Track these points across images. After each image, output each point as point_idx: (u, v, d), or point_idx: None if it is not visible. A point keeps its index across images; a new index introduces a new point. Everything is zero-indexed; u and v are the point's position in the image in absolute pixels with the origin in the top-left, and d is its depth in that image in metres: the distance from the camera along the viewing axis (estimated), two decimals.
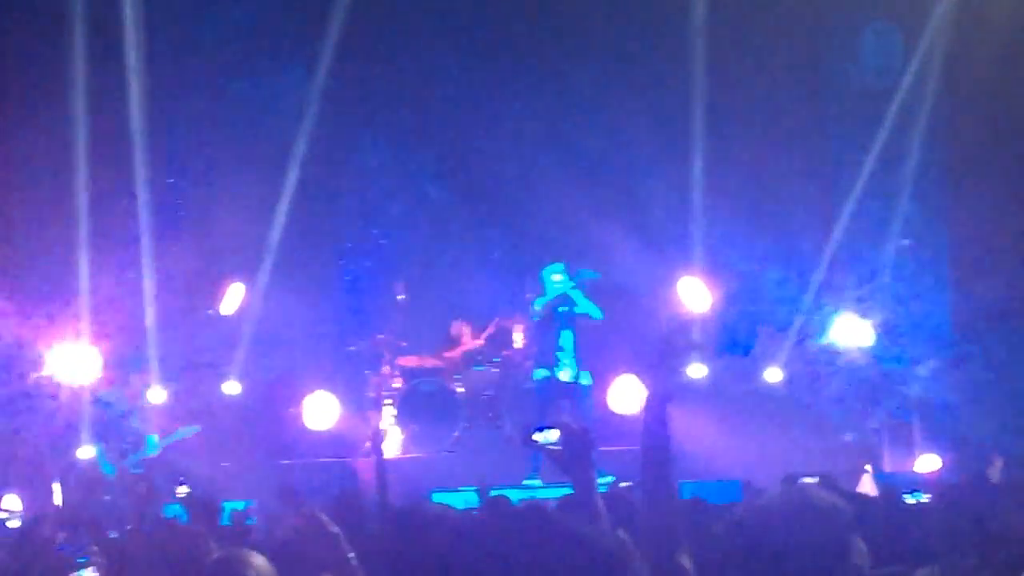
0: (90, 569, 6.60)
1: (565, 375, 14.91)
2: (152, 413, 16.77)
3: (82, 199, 17.53)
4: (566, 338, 15.04)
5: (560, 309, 15.08)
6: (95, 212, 17.72)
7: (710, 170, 19.07)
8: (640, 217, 19.16)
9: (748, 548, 3.75)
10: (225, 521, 10.94)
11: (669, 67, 19.08)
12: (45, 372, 15.50)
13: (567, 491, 6.04)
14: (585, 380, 15.12)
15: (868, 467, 15.88)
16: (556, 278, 15.22)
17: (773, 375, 18.14)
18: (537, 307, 15.26)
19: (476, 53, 19.14)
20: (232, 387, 17.56)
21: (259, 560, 4.55)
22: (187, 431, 15.86)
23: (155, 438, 15.40)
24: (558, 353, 14.98)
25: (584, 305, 15.28)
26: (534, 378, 15.38)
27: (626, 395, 16.80)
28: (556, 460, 4.76)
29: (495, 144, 19.16)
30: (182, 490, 10.46)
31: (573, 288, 15.25)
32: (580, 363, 15.05)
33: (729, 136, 19.04)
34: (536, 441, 4.75)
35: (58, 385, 15.66)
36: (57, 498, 14.95)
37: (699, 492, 10.61)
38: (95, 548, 8.03)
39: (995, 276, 18.14)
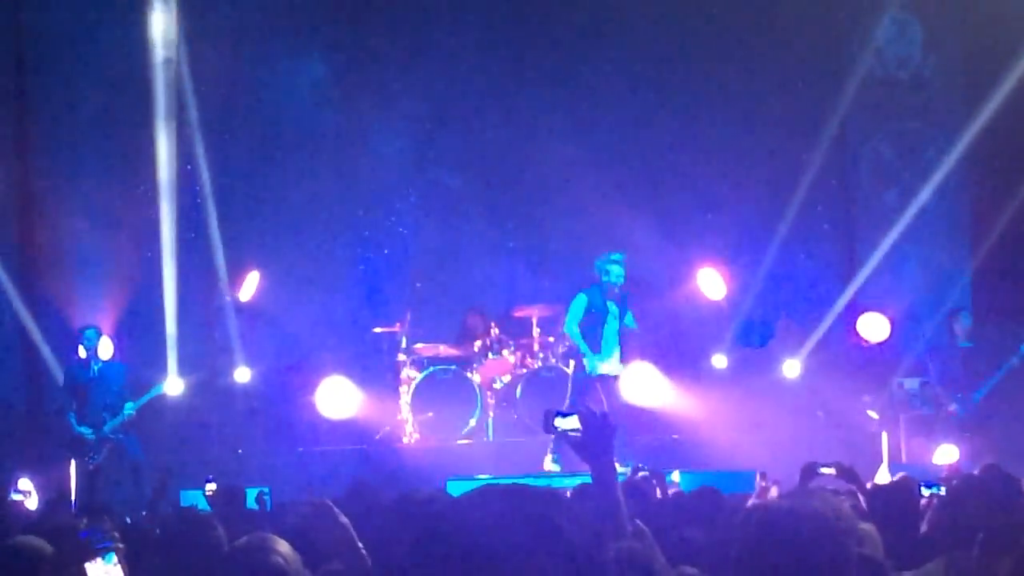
0: (112, 555, 6.59)
1: (609, 367, 14.87)
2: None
3: (104, 183, 17.66)
4: (612, 331, 14.99)
5: (609, 303, 15.01)
6: (115, 199, 17.79)
7: (730, 161, 19.05)
8: (659, 207, 19.15)
9: (755, 544, 3.74)
10: (251, 505, 10.97)
11: (690, 57, 19.06)
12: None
13: (583, 479, 6.05)
14: (622, 372, 15.09)
15: (885, 457, 15.90)
16: (615, 268, 15.11)
17: (791, 368, 18.08)
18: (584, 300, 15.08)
19: (494, 41, 19.12)
20: (244, 374, 17.57)
21: (284, 546, 4.55)
22: (157, 390, 15.85)
23: (130, 404, 15.39)
24: (611, 344, 14.93)
25: (627, 314, 15.26)
26: (572, 369, 15.28)
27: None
28: (576, 447, 4.72)
29: (512, 133, 19.14)
30: (210, 487, 10.43)
31: (627, 291, 15.20)
32: (623, 356, 15.03)
33: (749, 126, 19.01)
34: (557, 427, 4.73)
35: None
36: (72, 480, 14.98)
37: (714, 482, 10.61)
38: (116, 534, 8.03)
39: (1016, 266, 18.12)
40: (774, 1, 18.64)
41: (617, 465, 4.76)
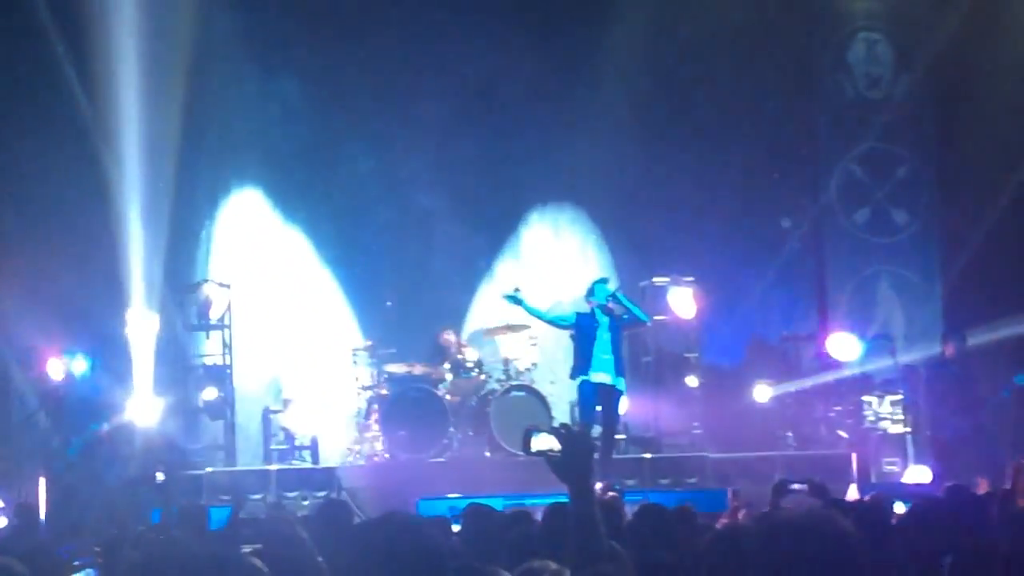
0: (88, 571, 6.56)
1: (604, 377, 14.85)
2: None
3: (69, 203, 17.54)
4: (607, 342, 14.96)
5: (600, 315, 14.99)
6: (80, 215, 17.70)
7: (701, 180, 19.08)
8: (630, 225, 19.18)
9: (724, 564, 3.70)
10: (215, 526, 10.89)
11: (662, 78, 19.11)
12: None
13: (555, 499, 6.00)
14: (621, 385, 15.07)
15: (854, 475, 15.92)
16: (599, 287, 15.11)
17: (762, 393, 18.04)
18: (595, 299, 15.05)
19: (467, 61, 19.10)
20: (211, 393, 17.41)
21: (255, 563, 4.52)
22: (99, 428, 15.68)
23: (94, 425, 15.29)
24: (601, 356, 14.90)
25: (633, 308, 15.19)
26: (576, 384, 15.24)
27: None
28: (554, 466, 4.61)
29: (485, 152, 19.12)
30: (160, 476, 10.32)
31: (618, 293, 15.14)
32: (620, 369, 14.98)
33: (720, 145, 19.06)
34: (534, 448, 4.62)
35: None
36: (42, 496, 14.83)
37: (689, 500, 10.62)
38: (97, 549, 7.98)
39: (986, 286, 18.17)
40: (746, 21, 18.70)
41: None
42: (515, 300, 15.34)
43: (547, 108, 19.16)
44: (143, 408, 16.66)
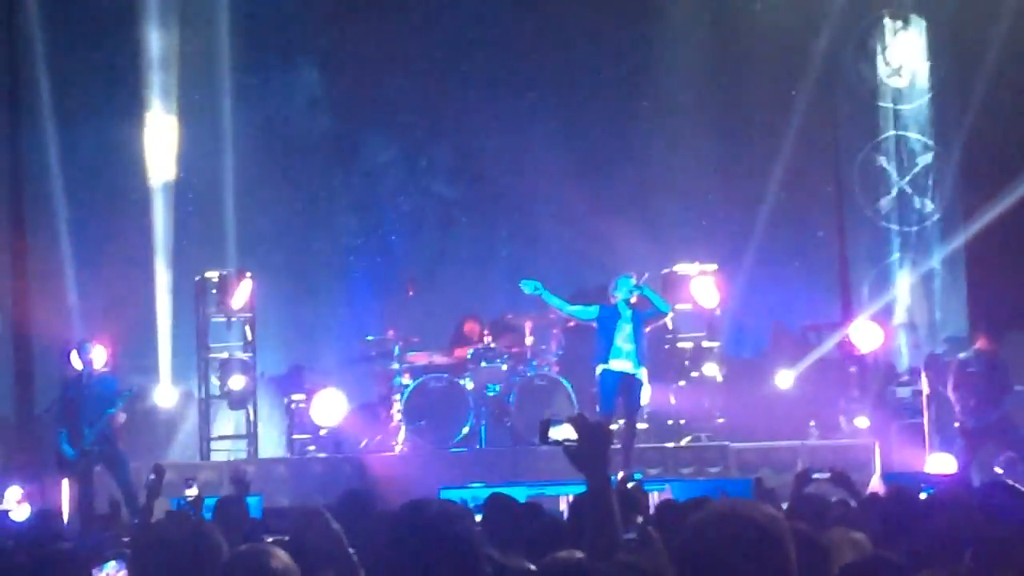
0: (113, 563, 6.54)
1: (625, 365, 14.85)
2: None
3: (96, 191, 17.66)
4: (629, 332, 14.97)
5: (623, 308, 15.00)
6: (107, 210, 17.80)
7: (723, 168, 19.05)
8: (650, 215, 19.14)
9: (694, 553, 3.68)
10: (254, 514, 10.90)
11: (681, 65, 19.07)
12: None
13: (575, 489, 6.01)
14: (642, 375, 15.07)
15: (877, 466, 15.87)
16: (622, 282, 15.12)
17: (784, 379, 18.02)
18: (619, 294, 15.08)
19: (486, 51, 19.11)
20: (238, 382, 17.43)
21: (283, 555, 4.52)
22: (129, 393, 15.61)
23: (110, 409, 15.23)
24: (622, 345, 14.90)
25: (656, 299, 15.19)
26: (597, 374, 15.24)
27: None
28: (572, 456, 4.63)
29: (503, 142, 19.13)
30: (191, 492, 10.27)
31: (642, 286, 15.14)
32: (642, 358, 14.98)
33: (742, 133, 19.02)
34: (551, 438, 4.65)
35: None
36: (65, 494, 14.85)
37: (710, 491, 10.56)
38: (124, 540, 7.98)
39: (1011, 280, 18.09)
40: (766, 8, 18.65)
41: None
42: (536, 289, 15.32)
43: (568, 97, 19.13)
44: (164, 396, 16.69)
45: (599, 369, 14.93)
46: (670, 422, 17.72)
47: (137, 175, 17.94)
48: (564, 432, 4.61)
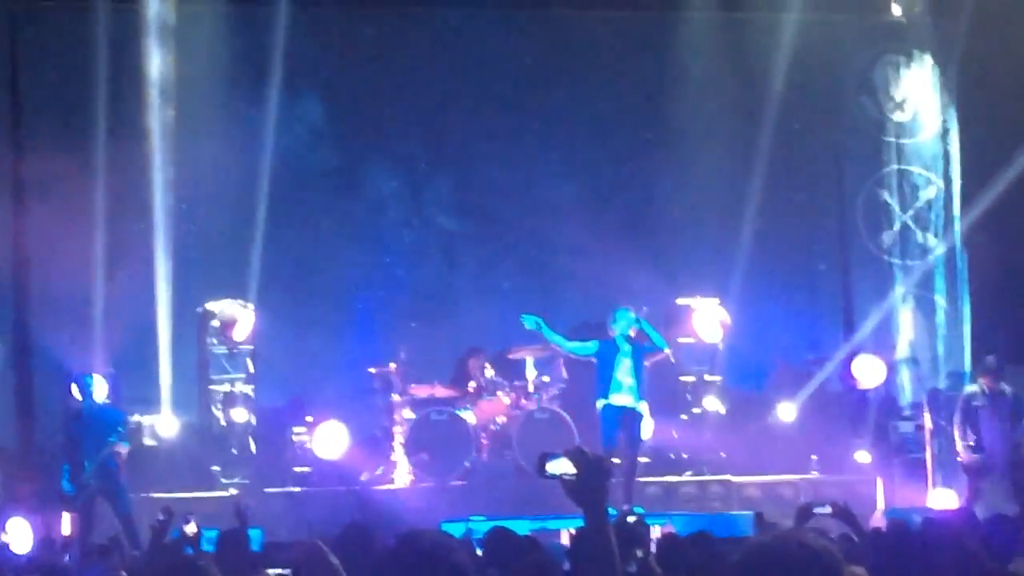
0: None
1: (625, 400, 14.85)
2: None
3: (98, 221, 17.65)
4: (629, 367, 14.98)
5: (622, 342, 15.01)
6: (109, 237, 17.78)
7: (727, 202, 19.05)
8: (654, 247, 19.13)
9: None
10: (255, 547, 10.86)
11: (686, 97, 19.08)
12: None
13: (578, 522, 5.97)
14: (643, 409, 15.06)
15: (880, 501, 15.83)
16: (621, 315, 15.15)
17: (786, 412, 17.97)
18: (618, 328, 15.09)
19: (490, 83, 19.14)
20: (240, 414, 17.43)
21: None
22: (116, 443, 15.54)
23: (112, 438, 15.18)
24: (623, 379, 14.90)
25: (654, 335, 15.21)
26: (599, 409, 15.23)
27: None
28: (569, 490, 4.59)
29: (507, 174, 19.14)
30: (190, 528, 10.20)
31: (641, 320, 15.16)
32: (643, 392, 14.98)
33: (746, 167, 19.02)
34: (548, 471, 4.61)
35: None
36: (66, 527, 14.80)
37: (709, 525, 10.52)
38: (122, 572, 7.95)
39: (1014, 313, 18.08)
40: (770, 40, 18.69)
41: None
42: (537, 325, 15.35)
43: (572, 129, 19.17)
44: (165, 427, 16.67)
45: (600, 404, 14.93)
46: (672, 456, 17.69)
47: (138, 205, 17.92)
48: (562, 466, 4.57)
